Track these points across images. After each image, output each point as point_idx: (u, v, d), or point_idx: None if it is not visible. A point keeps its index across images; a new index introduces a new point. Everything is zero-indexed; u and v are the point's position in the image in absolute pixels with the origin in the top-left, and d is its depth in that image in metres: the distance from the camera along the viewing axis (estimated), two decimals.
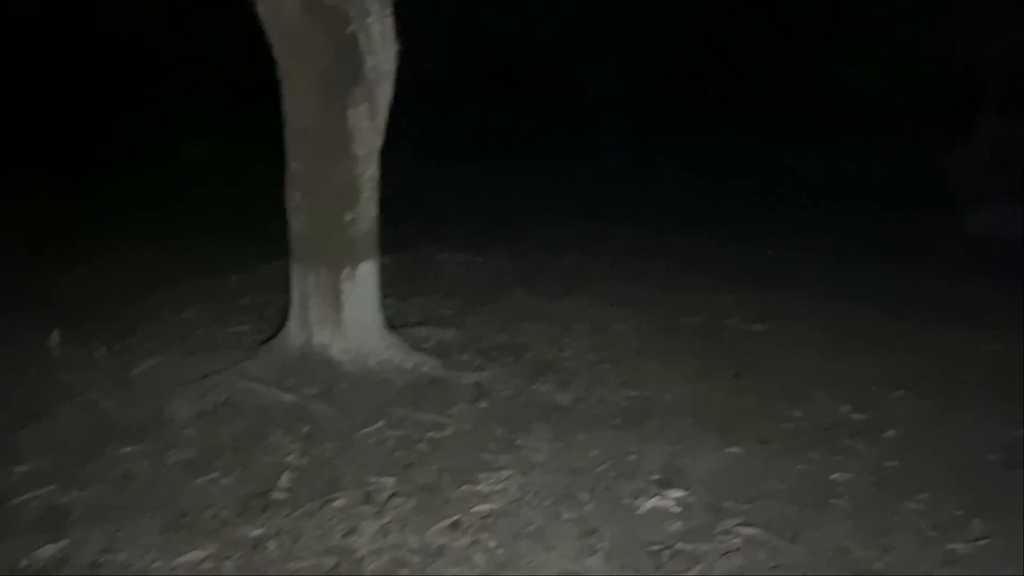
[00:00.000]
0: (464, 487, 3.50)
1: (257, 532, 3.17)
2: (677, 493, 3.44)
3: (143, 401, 4.24)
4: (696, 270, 6.76)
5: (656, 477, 3.57)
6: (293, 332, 4.63)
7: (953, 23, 10.11)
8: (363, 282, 4.58)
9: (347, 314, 4.55)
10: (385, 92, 4.33)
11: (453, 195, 9.71)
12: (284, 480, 3.53)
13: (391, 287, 5.64)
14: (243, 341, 5.03)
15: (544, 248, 7.48)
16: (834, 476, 3.63)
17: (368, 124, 4.35)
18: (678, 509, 3.33)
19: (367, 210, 4.54)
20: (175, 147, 10.72)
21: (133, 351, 4.87)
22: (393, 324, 4.94)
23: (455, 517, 3.26)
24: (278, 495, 3.43)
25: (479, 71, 13.37)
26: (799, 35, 12.53)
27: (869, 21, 11.44)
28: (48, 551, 3.08)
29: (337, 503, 3.36)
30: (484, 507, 3.34)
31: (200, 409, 4.13)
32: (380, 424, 4.02)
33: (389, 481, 3.53)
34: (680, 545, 3.09)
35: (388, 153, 4.56)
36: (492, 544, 3.10)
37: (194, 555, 3.04)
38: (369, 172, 4.48)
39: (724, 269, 6.79)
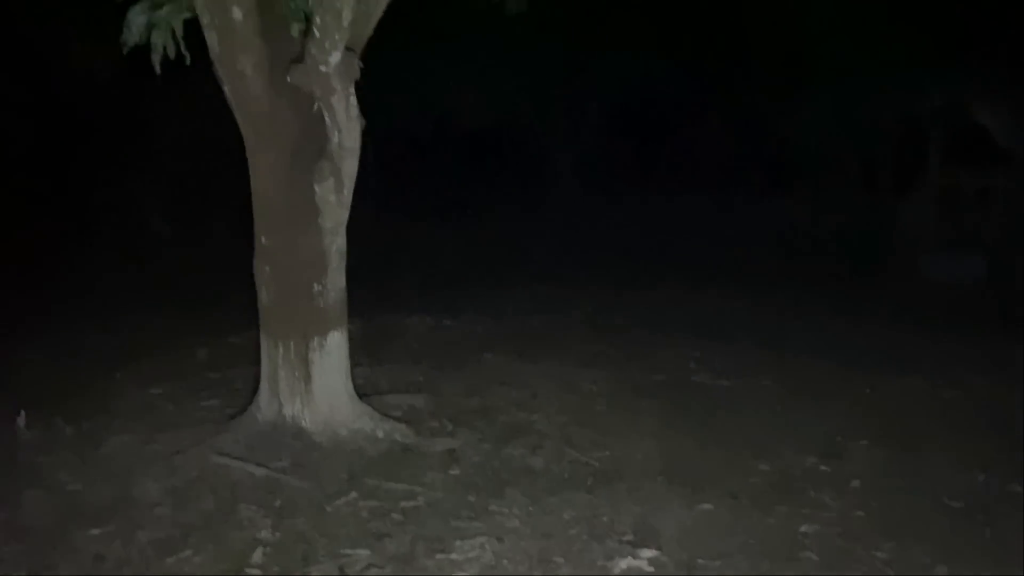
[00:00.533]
0: (439, 556, 3.50)
1: None
2: (650, 553, 3.47)
3: (112, 481, 4.19)
4: (661, 328, 6.89)
5: (629, 538, 3.61)
6: (263, 404, 4.64)
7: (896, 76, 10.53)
8: (332, 352, 4.62)
9: (317, 384, 4.57)
10: (351, 166, 4.43)
11: (422, 260, 9.81)
12: (257, 556, 3.50)
13: (361, 354, 5.68)
14: (213, 415, 5.02)
15: (512, 310, 7.58)
16: (803, 528, 3.69)
17: (335, 197, 4.44)
18: (651, 569, 3.36)
19: (335, 280, 4.60)
20: (142, 222, 10.74)
21: (101, 430, 4.83)
22: (363, 392, 4.96)
23: None
24: (251, 571, 3.40)
25: (444, 138, 13.63)
26: (747, 96, 12.97)
27: (814, 78, 11.88)
28: None
29: None
30: (459, 575, 3.35)
31: (170, 486, 4.10)
32: (353, 495, 4.01)
33: (363, 553, 3.52)
34: None
35: (356, 221, 4.64)
36: None
37: None
38: (337, 244, 4.56)
39: (688, 326, 6.93)
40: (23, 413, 4.85)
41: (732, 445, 4.60)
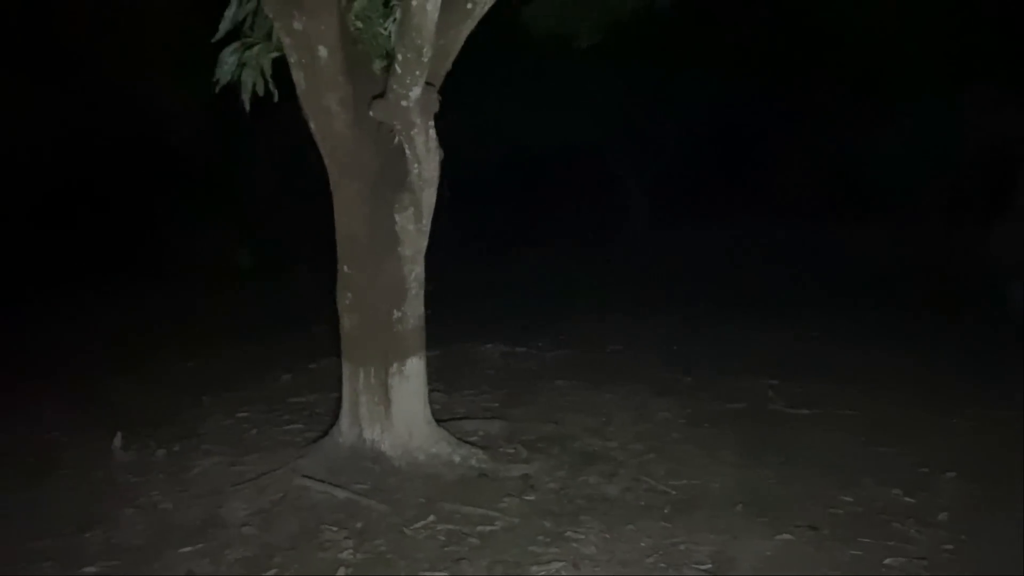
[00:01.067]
0: None
1: None
2: None
3: (201, 501, 4.37)
4: (736, 357, 6.80)
5: (707, 567, 3.58)
6: (344, 429, 4.77)
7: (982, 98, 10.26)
8: (411, 377, 4.73)
9: (396, 409, 4.68)
10: (430, 196, 4.56)
11: (494, 289, 9.92)
12: None
13: (437, 381, 5.79)
14: (295, 439, 5.17)
15: (585, 338, 7.59)
16: (888, 561, 3.61)
17: (414, 227, 4.57)
18: None
19: (414, 307, 4.72)
20: (225, 255, 11.15)
21: (191, 452, 5.03)
22: (440, 417, 5.04)
23: None
24: None
25: (514, 168, 13.78)
26: (827, 120, 12.77)
27: (895, 102, 11.64)
28: None
29: None
30: None
31: (257, 507, 4.24)
32: (431, 518, 4.08)
33: None
34: None
35: (431, 251, 4.76)
36: None
37: None
38: (416, 272, 4.68)
39: (764, 355, 6.83)
40: (119, 435, 5.09)
41: (812, 476, 4.51)
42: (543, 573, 3.59)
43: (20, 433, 5.54)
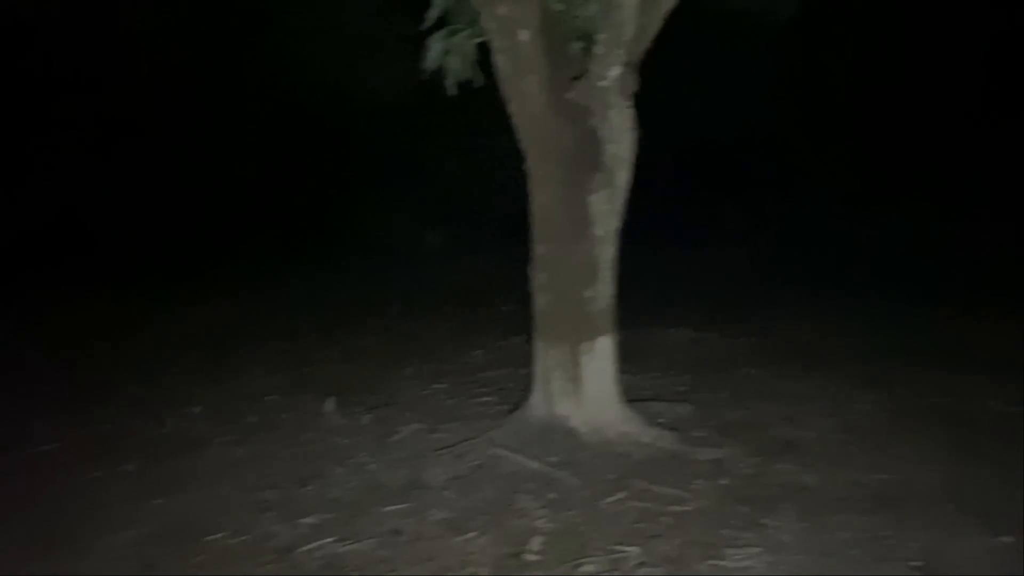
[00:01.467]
0: (710, 561, 3.52)
1: None
2: None
3: (405, 464, 4.65)
4: (945, 351, 6.31)
5: (918, 563, 3.40)
6: (536, 403, 4.90)
7: None
8: (601, 356, 4.79)
9: (586, 387, 4.75)
10: (623, 177, 4.59)
11: (679, 275, 9.79)
12: (535, 543, 3.72)
13: (624, 362, 5.77)
14: (489, 411, 5.38)
15: (774, 326, 7.34)
16: None
17: (607, 207, 4.61)
18: None
19: (605, 287, 4.77)
20: (419, 235, 11.72)
21: (393, 419, 5.36)
22: (628, 398, 5.06)
23: None
24: (530, 557, 3.62)
25: (697, 159, 13.52)
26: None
27: None
28: None
29: (587, 568, 3.49)
30: None
31: (455, 473, 4.47)
32: (622, 495, 4.13)
33: (635, 551, 3.62)
34: None
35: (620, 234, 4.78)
36: None
37: None
38: (607, 252, 4.72)
39: (978, 351, 6.29)
40: (332, 399, 5.50)
41: None
42: (739, 556, 3.54)
43: (243, 395, 6.11)
